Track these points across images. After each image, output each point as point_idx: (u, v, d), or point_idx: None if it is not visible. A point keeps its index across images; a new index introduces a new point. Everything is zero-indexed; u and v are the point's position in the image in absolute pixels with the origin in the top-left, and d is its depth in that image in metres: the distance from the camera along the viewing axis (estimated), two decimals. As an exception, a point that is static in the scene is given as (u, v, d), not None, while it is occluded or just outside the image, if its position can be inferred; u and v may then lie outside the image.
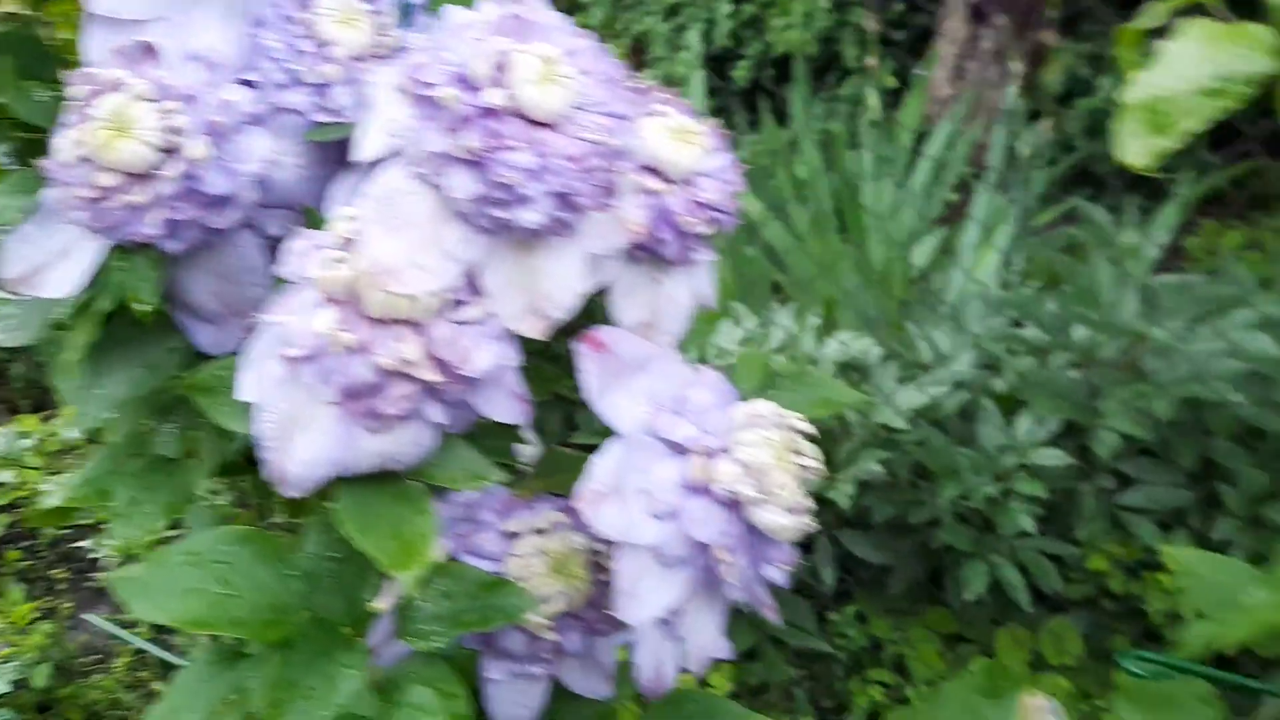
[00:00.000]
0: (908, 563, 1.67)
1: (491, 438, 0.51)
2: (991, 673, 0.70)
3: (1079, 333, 1.65)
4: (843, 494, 1.56)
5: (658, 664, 0.51)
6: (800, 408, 0.51)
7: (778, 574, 0.50)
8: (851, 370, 1.76)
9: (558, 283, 0.49)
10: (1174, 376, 1.48)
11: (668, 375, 0.52)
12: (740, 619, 1.76)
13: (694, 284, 0.57)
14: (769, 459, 0.48)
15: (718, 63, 3.51)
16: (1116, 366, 1.63)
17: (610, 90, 0.48)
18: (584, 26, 0.49)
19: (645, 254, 0.54)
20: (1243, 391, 1.45)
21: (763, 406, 0.50)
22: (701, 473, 0.48)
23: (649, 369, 0.52)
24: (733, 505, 0.48)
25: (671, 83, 3.13)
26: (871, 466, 1.57)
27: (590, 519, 0.48)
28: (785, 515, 0.47)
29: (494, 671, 0.56)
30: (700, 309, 0.57)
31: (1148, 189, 2.67)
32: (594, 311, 0.54)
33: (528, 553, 0.56)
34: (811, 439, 0.50)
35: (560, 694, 0.57)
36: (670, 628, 0.50)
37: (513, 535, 0.56)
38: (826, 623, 1.74)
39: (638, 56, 3.57)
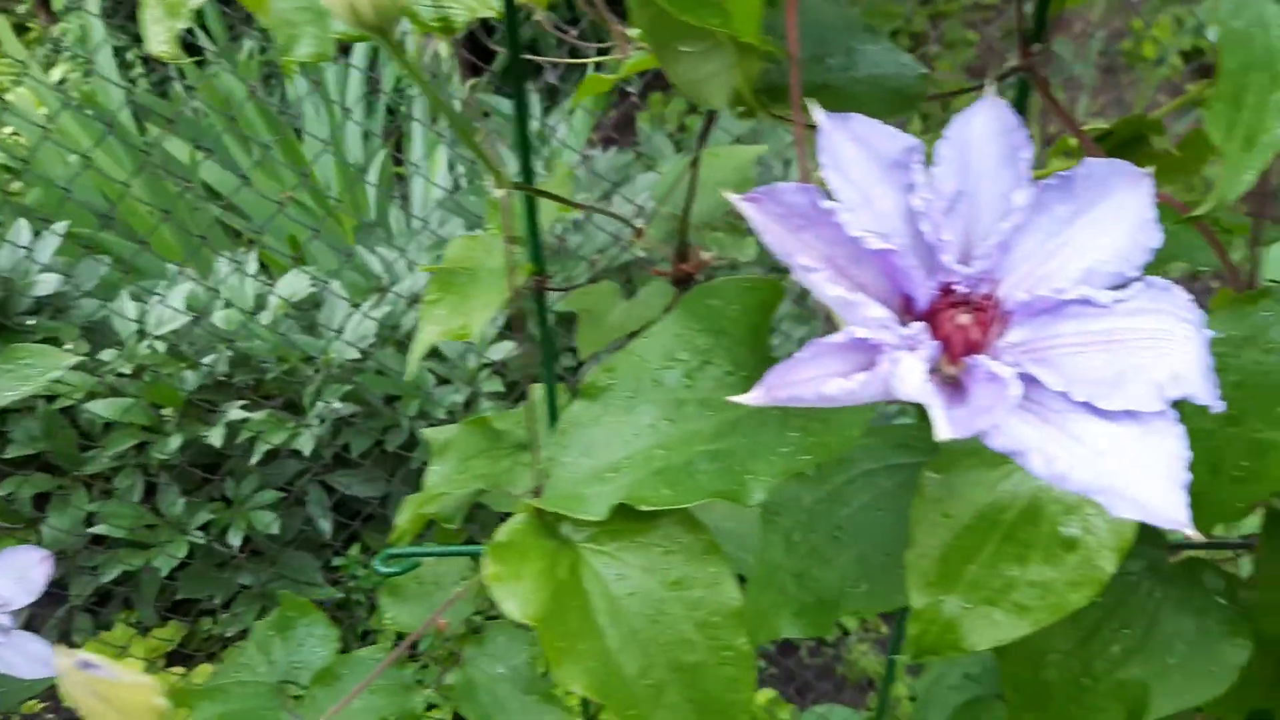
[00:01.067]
0: (401, 490, 1.66)
1: None
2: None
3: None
4: (309, 438, 1.50)
5: None
6: None
7: None
8: (309, 308, 1.69)
9: None
10: (593, 245, 1.57)
11: None
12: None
13: None
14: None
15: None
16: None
17: None
18: None
19: None
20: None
21: None
22: None
23: None
24: None
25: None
26: (336, 405, 1.53)
27: None
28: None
29: None
30: None
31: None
32: None
33: None
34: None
35: None
36: None
37: None
38: (337, 570, 1.71)
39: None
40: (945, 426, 0.29)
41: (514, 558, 0.44)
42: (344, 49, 2.26)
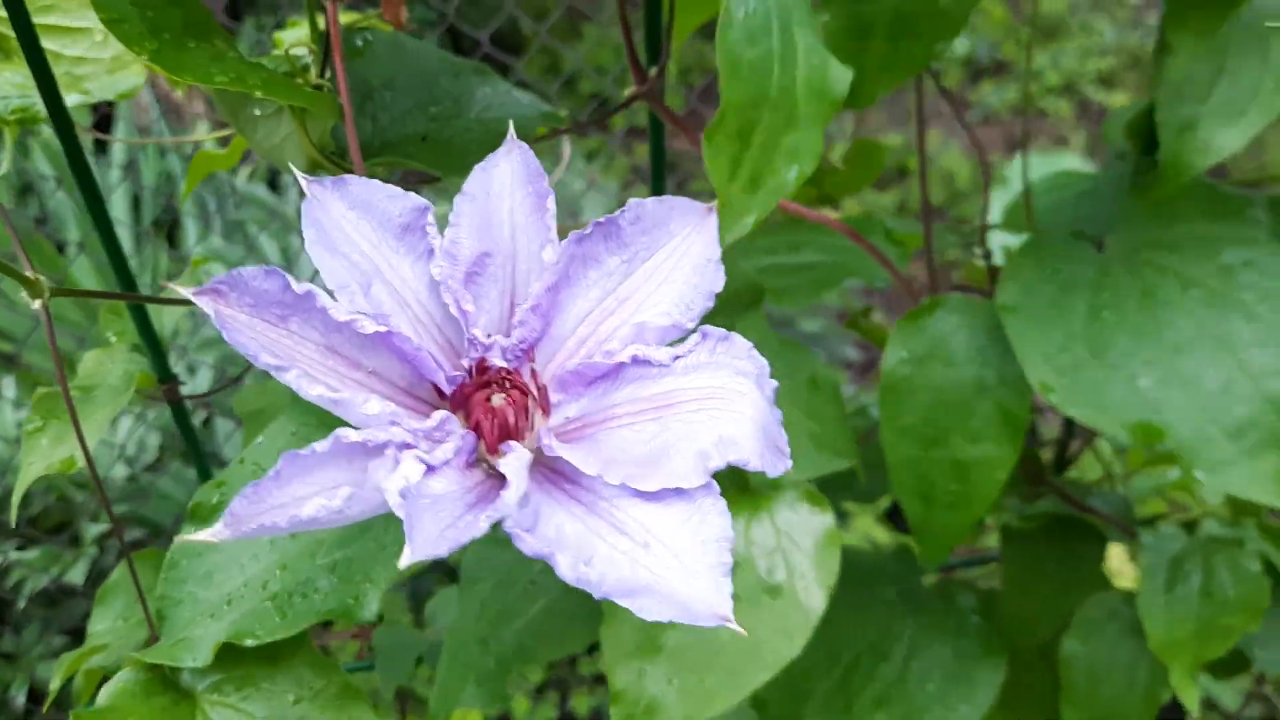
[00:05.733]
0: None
1: None
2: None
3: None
4: (80, 569, 1.37)
5: None
6: None
7: None
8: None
9: None
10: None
11: None
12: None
13: None
14: None
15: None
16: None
17: None
18: None
19: None
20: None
21: None
22: None
23: None
24: None
25: None
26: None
27: None
28: None
29: None
30: None
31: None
32: None
33: None
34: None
35: None
36: None
37: None
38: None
39: None
40: (409, 550, 0.23)
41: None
42: (100, 146, 2.13)
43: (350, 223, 0.29)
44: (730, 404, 0.28)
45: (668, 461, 0.27)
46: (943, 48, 0.42)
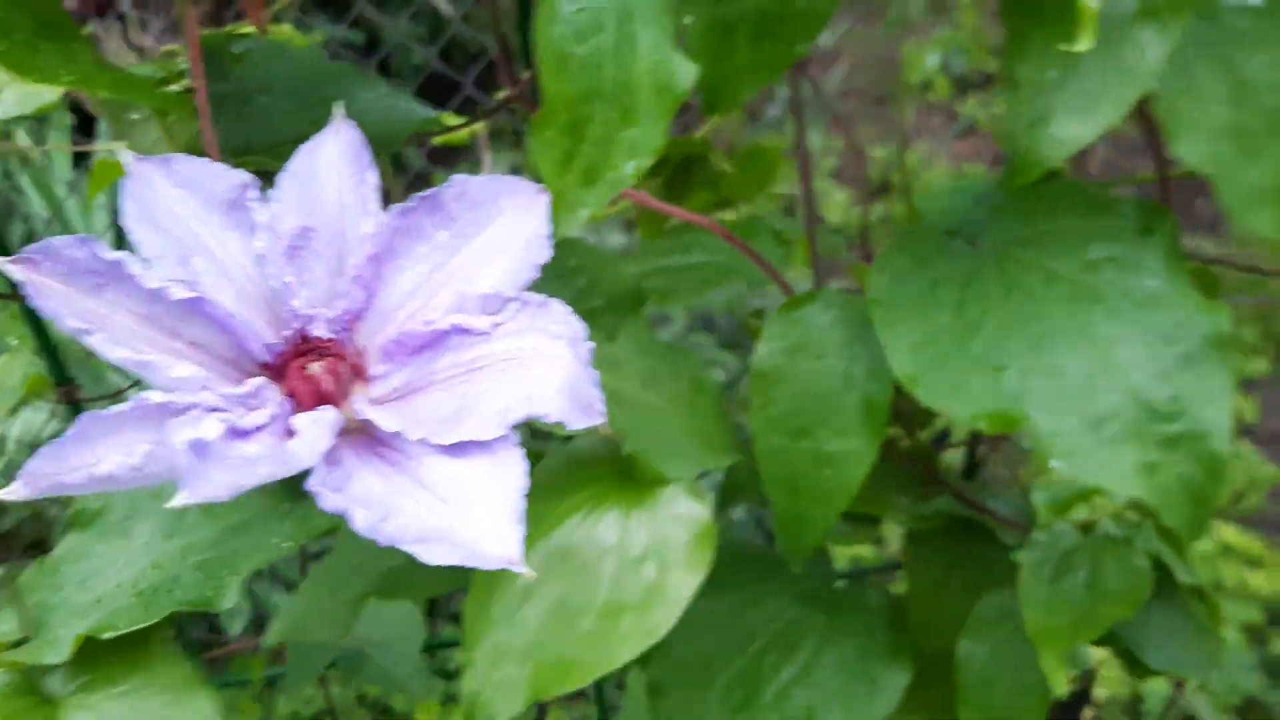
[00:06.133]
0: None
1: None
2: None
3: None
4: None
5: None
6: None
7: None
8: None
9: None
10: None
11: None
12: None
13: None
14: None
15: None
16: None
17: None
18: None
19: None
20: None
21: None
22: None
23: None
24: None
25: None
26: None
27: None
28: None
29: None
30: None
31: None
32: None
33: None
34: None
35: None
36: None
37: None
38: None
39: None
40: (184, 493, 0.23)
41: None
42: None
43: (176, 200, 0.30)
44: (540, 364, 0.28)
45: (469, 417, 0.28)
46: (803, 49, 0.43)
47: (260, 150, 0.44)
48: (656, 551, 0.42)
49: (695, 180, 0.55)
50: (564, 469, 0.45)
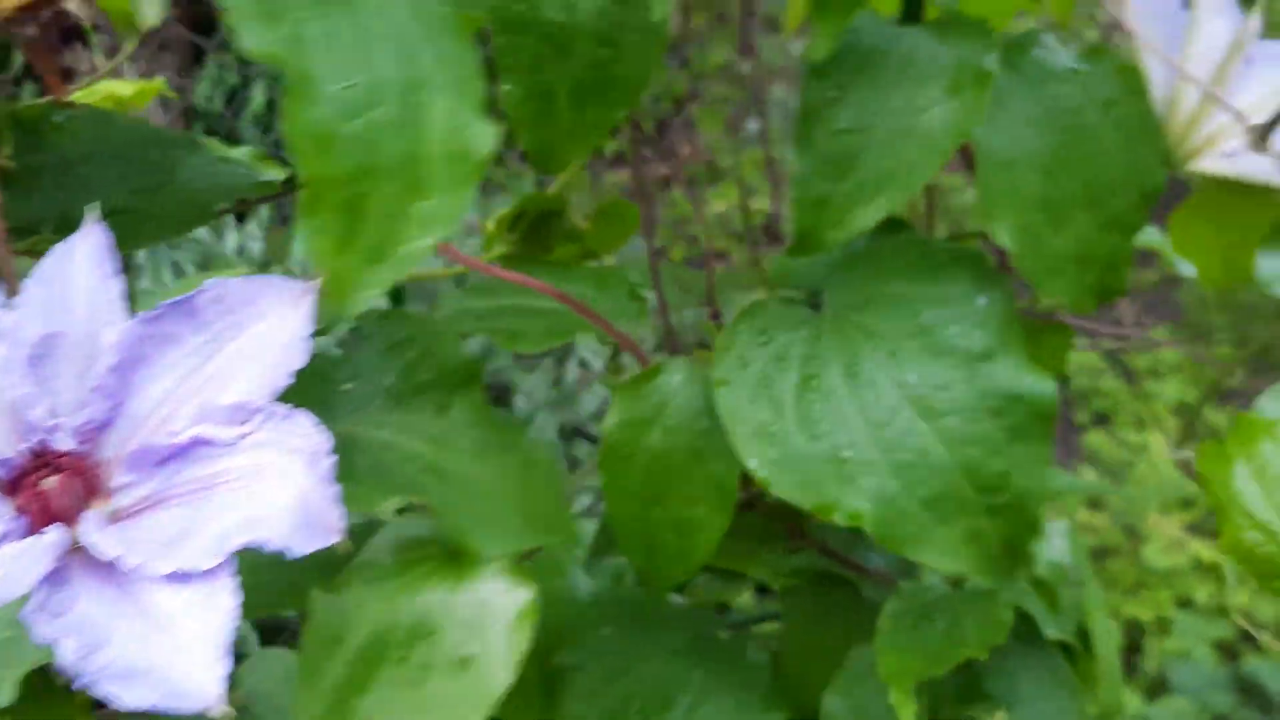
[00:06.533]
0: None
1: None
2: None
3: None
4: None
5: None
6: None
7: None
8: None
9: None
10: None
11: None
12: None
13: None
14: None
15: None
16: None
17: None
18: None
19: None
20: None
21: None
22: None
23: None
24: None
25: None
26: None
27: None
28: None
29: None
30: None
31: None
32: None
33: None
34: None
35: None
36: None
37: None
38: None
39: None
40: None
41: None
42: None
43: None
44: (268, 484, 0.28)
45: (189, 542, 0.27)
46: (623, 115, 0.43)
47: (72, 223, 0.44)
48: (478, 636, 0.41)
49: (554, 234, 0.54)
50: (395, 547, 0.44)
